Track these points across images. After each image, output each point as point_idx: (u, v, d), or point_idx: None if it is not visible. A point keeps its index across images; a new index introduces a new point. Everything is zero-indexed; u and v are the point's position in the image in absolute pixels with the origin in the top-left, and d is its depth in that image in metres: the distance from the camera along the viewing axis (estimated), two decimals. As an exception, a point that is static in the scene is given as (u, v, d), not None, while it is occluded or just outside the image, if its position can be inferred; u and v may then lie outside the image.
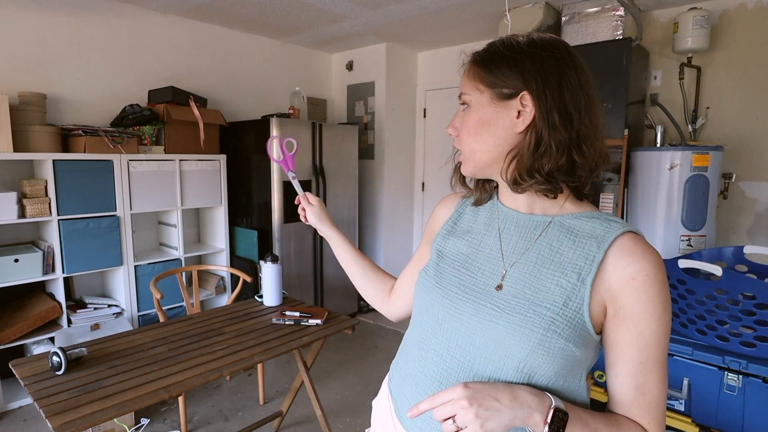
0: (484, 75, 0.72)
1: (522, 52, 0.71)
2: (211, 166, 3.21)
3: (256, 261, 3.33)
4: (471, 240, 0.82)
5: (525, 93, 0.70)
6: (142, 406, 1.32)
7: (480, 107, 0.73)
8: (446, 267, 0.81)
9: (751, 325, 1.56)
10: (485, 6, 3.05)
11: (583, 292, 0.66)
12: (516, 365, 0.67)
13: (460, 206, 0.88)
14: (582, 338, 0.67)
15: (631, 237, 0.67)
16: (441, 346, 0.75)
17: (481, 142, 0.73)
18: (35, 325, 2.50)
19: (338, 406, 2.60)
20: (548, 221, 0.74)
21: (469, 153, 0.76)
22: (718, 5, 2.85)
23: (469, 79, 0.75)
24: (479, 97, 0.73)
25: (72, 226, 2.59)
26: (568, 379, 0.69)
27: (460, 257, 0.81)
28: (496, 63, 0.72)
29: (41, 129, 2.51)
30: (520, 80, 0.70)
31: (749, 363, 1.55)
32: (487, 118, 0.72)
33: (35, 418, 2.43)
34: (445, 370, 0.74)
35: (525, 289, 0.70)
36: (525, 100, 0.70)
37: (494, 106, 0.72)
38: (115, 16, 3.05)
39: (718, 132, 2.92)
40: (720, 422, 1.62)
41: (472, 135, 0.74)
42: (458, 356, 0.73)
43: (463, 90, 0.76)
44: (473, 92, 0.74)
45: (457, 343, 0.73)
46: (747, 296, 1.55)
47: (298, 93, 3.67)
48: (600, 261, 0.66)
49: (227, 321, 1.97)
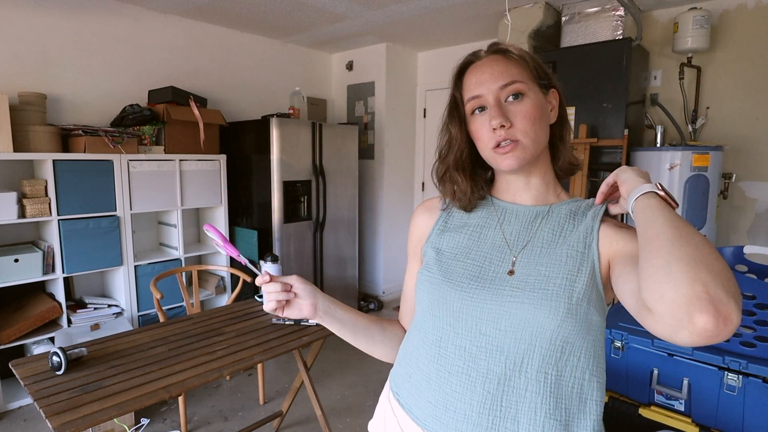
0: (534, 67, 0.78)
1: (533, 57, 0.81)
2: (211, 166, 3.21)
3: (256, 261, 3.33)
4: (469, 233, 0.82)
5: (554, 90, 0.80)
6: (142, 406, 1.32)
7: (536, 96, 0.77)
8: (449, 261, 0.80)
9: (751, 325, 1.56)
10: (485, 6, 3.05)
11: (592, 255, 0.72)
12: (548, 339, 0.68)
13: (445, 207, 0.88)
14: (599, 303, 0.71)
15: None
16: (463, 339, 0.73)
17: (541, 130, 0.77)
18: (35, 325, 2.50)
19: (338, 406, 2.60)
20: (547, 210, 0.80)
21: (530, 141, 0.75)
22: (718, 5, 2.85)
23: (521, 69, 0.77)
24: (533, 87, 0.77)
25: (72, 226, 2.59)
26: (597, 348, 0.71)
27: (461, 249, 0.81)
28: (533, 59, 0.80)
29: (41, 129, 2.51)
30: (550, 77, 0.80)
31: (749, 363, 1.55)
32: (543, 108, 0.78)
33: (35, 418, 2.43)
34: (471, 362, 0.72)
35: (539, 267, 0.73)
36: (553, 97, 0.80)
37: (543, 98, 0.79)
38: (115, 16, 3.05)
39: (718, 132, 2.92)
40: (720, 422, 1.62)
41: (535, 122, 0.76)
42: (485, 344, 0.71)
43: (516, 78, 0.76)
44: (529, 82, 0.77)
45: (480, 331, 0.72)
46: (747, 296, 1.55)
47: (298, 93, 3.66)
48: (598, 228, 0.74)
49: (227, 321, 1.97)
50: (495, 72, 0.76)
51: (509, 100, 0.75)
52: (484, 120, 0.77)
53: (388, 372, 0.94)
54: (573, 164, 0.84)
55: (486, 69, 0.77)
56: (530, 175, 0.81)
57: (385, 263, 4.34)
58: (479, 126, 0.78)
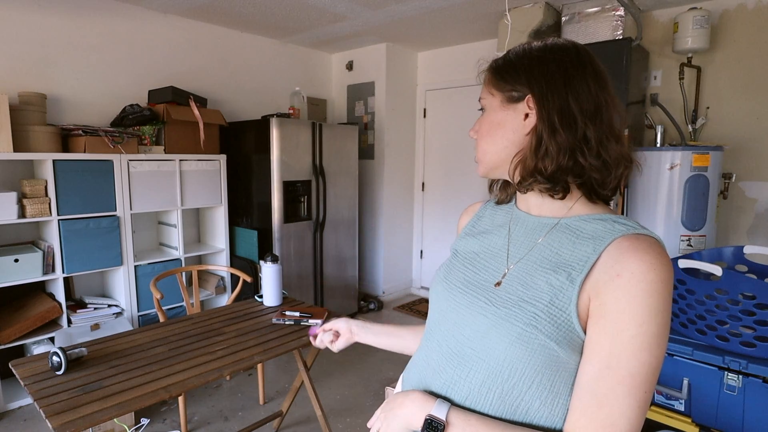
0: (497, 80, 0.77)
1: (532, 57, 0.74)
2: (211, 166, 3.21)
3: (256, 261, 3.33)
4: (483, 240, 0.85)
5: (530, 96, 0.72)
6: (142, 406, 1.32)
7: (492, 110, 0.77)
8: (457, 264, 0.85)
9: (751, 325, 1.56)
10: (485, 6, 3.05)
11: (571, 292, 0.65)
12: (498, 357, 0.69)
13: (482, 209, 0.92)
14: (567, 339, 0.64)
15: (634, 237, 0.64)
16: (442, 336, 0.79)
17: (492, 144, 0.77)
18: (35, 325, 2.50)
19: (338, 406, 2.60)
20: (554, 223, 0.74)
21: (481, 154, 0.80)
22: (718, 5, 2.85)
23: (485, 85, 0.80)
24: (492, 101, 0.78)
25: (72, 226, 2.59)
26: (555, 382, 0.67)
27: (470, 255, 0.84)
28: (507, 68, 0.76)
29: (41, 129, 2.51)
30: (525, 84, 0.73)
31: (749, 363, 1.55)
32: (498, 121, 0.76)
33: (35, 418, 2.43)
34: (442, 360, 0.77)
35: (519, 286, 0.71)
36: (531, 103, 0.72)
37: (504, 109, 0.76)
38: (115, 16, 3.05)
39: (718, 132, 2.92)
40: (720, 422, 1.62)
41: (486, 137, 0.78)
42: (452, 346, 0.76)
43: (481, 95, 0.81)
44: (487, 96, 0.79)
45: (452, 334, 0.77)
46: (747, 296, 1.55)
47: (298, 93, 3.67)
48: (594, 262, 0.65)
49: (227, 321, 1.97)
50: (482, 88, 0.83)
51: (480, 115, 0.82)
52: None
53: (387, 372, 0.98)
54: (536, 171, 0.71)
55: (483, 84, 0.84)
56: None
57: (385, 263, 4.34)
58: None
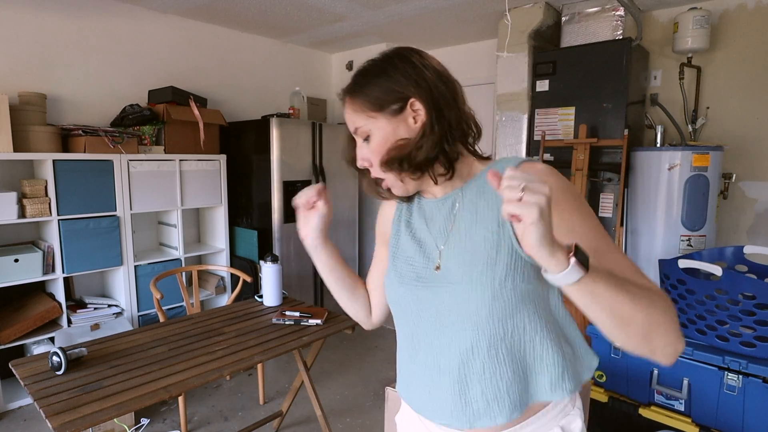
0: (370, 103, 0.76)
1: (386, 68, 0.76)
2: (211, 166, 3.21)
3: (256, 261, 3.33)
4: (411, 234, 0.87)
5: (412, 99, 0.74)
6: (142, 406, 1.32)
7: (382, 129, 0.76)
8: (400, 264, 0.86)
9: (751, 325, 1.57)
10: (485, 6, 3.05)
11: (508, 233, 0.72)
12: (485, 322, 0.73)
13: (399, 203, 0.93)
14: (530, 271, 0.72)
15: (525, 165, 0.72)
16: (428, 335, 0.81)
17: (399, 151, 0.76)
18: (35, 325, 2.50)
19: (338, 406, 2.60)
20: (459, 193, 0.80)
21: (394, 173, 0.78)
22: (718, 5, 2.85)
23: (356, 113, 0.78)
24: (378, 120, 0.76)
25: (72, 226, 2.59)
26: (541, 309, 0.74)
27: (407, 252, 0.86)
28: (373, 87, 0.76)
29: (41, 129, 2.51)
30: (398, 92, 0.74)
31: (749, 363, 1.55)
32: (393, 132, 0.75)
33: (35, 418, 2.43)
34: (436, 355, 0.79)
35: (464, 255, 0.75)
36: (415, 105, 0.75)
37: (393, 122, 0.76)
38: (115, 16, 3.05)
39: (718, 132, 2.92)
40: (720, 422, 1.62)
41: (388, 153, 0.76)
42: (440, 336, 0.79)
43: (356, 125, 0.78)
44: (368, 121, 0.77)
45: (436, 326, 0.79)
46: (747, 296, 1.55)
47: (298, 93, 3.66)
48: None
49: (227, 321, 1.97)
50: (348, 120, 0.80)
51: (364, 143, 0.79)
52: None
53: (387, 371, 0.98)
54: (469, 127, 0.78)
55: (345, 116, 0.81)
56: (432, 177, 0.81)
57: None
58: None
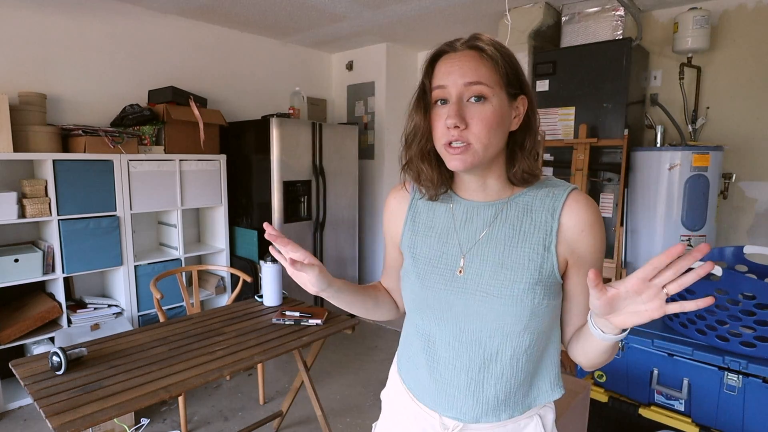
0: (507, 72, 0.75)
1: (512, 57, 0.78)
2: (211, 166, 3.21)
3: (256, 261, 3.33)
4: (437, 235, 0.86)
5: (523, 97, 0.78)
6: (142, 406, 1.32)
7: (499, 102, 0.75)
8: (424, 267, 0.86)
9: (751, 325, 1.56)
10: (485, 6, 3.05)
11: (552, 258, 0.78)
12: (517, 335, 0.79)
13: (413, 201, 0.91)
14: (557, 291, 0.81)
15: (573, 196, 0.78)
16: (447, 335, 0.83)
17: (496, 137, 0.76)
18: (35, 325, 2.50)
19: (338, 406, 2.60)
20: (504, 203, 0.82)
21: (482, 147, 0.74)
22: (718, 5, 2.85)
23: (491, 72, 0.74)
24: (499, 93, 0.75)
25: (72, 226, 2.59)
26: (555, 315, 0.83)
27: (433, 253, 0.85)
28: (509, 63, 0.76)
29: (41, 129, 2.51)
30: (519, 84, 0.77)
31: (749, 363, 1.55)
32: (503, 115, 0.76)
33: (35, 418, 2.43)
34: (456, 354, 0.82)
35: (498, 268, 0.79)
36: (522, 104, 0.78)
37: (507, 105, 0.77)
38: (115, 16, 3.05)
39: (718, 132, 2.92)
40: (720, 422, 1.62)
41: (491, 129, 0.74)
42: (465, 339, 0.81)
43: (483, 80, 0.73)
44: (495, 86, 0.74)
45: (461, 328, 0.81)
46: (747, 296, 1.55)
47: (298, 93, 3.66)
48: (557, 229, 0.78)
49: (227, 321, 1.97)
50: (464, 68, 0.74)
51: (471, 100, 0.74)
52: (443, 113, 0.76)
53: (387, 372, 0.98)
54: (529, 173, 0.79)
55: (456, 62, 0.75)
56: (485, 177, 0.82)
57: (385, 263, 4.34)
58: (437, 118, 0.77)
